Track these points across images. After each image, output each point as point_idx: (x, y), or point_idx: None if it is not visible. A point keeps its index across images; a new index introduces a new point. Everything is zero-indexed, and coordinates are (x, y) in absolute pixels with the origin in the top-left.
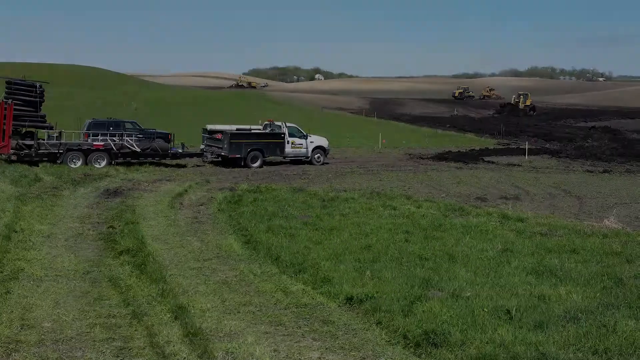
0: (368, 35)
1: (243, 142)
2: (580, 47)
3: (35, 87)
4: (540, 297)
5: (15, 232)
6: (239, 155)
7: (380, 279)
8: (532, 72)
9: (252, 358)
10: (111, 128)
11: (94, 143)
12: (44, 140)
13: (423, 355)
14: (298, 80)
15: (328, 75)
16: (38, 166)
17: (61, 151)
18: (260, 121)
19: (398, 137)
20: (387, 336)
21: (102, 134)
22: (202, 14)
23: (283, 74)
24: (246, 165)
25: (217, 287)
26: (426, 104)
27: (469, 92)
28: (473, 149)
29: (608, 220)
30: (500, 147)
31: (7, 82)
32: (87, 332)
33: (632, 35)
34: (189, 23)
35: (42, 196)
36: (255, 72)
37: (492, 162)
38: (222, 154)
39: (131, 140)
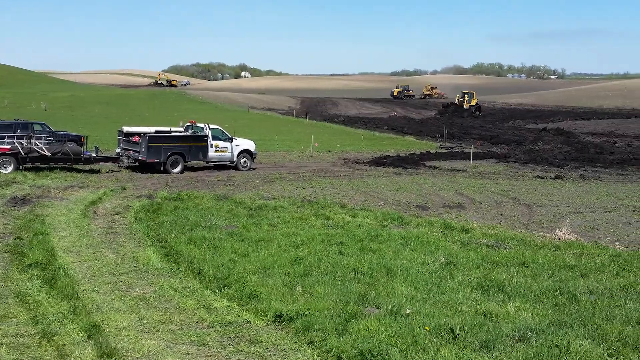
0: (299, 30)
1: (162, 145)
2: (531, 42)
3: None
4: (487, 315)
5: None
6: (158, 160)
7: (312, 295)
8: (478, 69)
9: None
10: (18, 130)
11: (0, 147)
12: None
13: None
14: (223, 78)
15: (255, 73)
16: None
17: None
18: (181, 122)
19: (332, 140)
20: (319, 357)
21: (9, 137)
22: (118, 7)
23: (206, 71)
24: (166, 171)
25: (134, 303)
26: (362, 104)
27: (408, 91)
28: (413, 153)
29: (561, 231)
30: (443, 150)
31: None
32: None
33: (586, 30)
34: (104, 16)
35: None
36: (176, 69)
37: (434, 167)
38: (140, 158)
39: (40, 143)
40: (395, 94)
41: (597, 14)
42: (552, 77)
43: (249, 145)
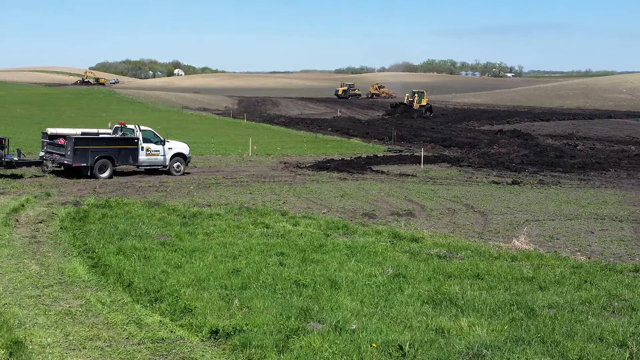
0: (236, 24)
1: (90, 148)
2: (485, 37)
3: None
4: (438, 331)
5: None
6: (85, 164)
7: (251, 309)
8: (429, 67)
9: None
10: None
11: None
12: None
13: None
14: (154, 76)
15: (189, 70)
16: None
17: None
18: (109, 124)
19: (271, 143)
20: None
21: None
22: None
23: (137, 68)
24: (93, 176)
25: (60, 318)
26: (304, 104)
27: (354, 90)
28: (359, 157)
29: (518, 240)
30: (392, 154)
31: None
32: None
33: (545, 24)
34: (26, 8)
35: None
36: (105, 67)
37: (382, 172)
38: (65, 162)
39: None
40: (340, 93)
41: (557, 7)
42: (509, 75)
43: (183, 148)
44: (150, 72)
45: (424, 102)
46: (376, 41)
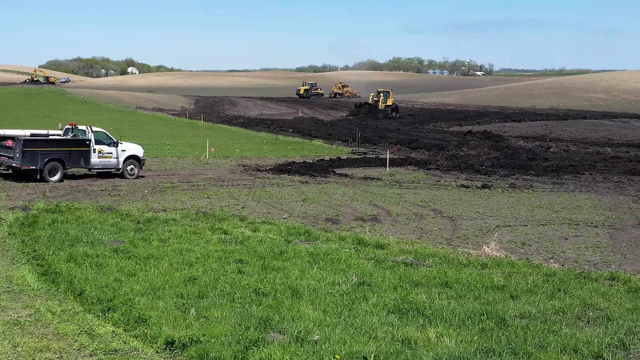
0: (193, 21)
1: (39, 150)
2: (454, 34)
3: None
4: (405, 342)
5: None
6: (34, 167)
7: (208, 319)
8: (395, 65)
9: None
10: None
11: None
12: None
13: None
14: (107, 75)
15: (144, 69)
16: None
17: None
18: (60, 125)
19: (230, 145)
20: None
21: None
22: None
23: (89, 67)
24: (43, 179)
25: (8, 328)
26: (264, 104)
27: (316, 89)
28: (322, 159)
29: (488, 247)
30: (356, 156)
31: None
32: None
33: (517, 20)
34: None
35: None
36: (55, 65)
37: (346, 175)
38: (13, 165)
39: None
40: (301, 92)
41: (529, 2)
42: (478, 73)
43: (137, 150)
44: (103, 70)
45: (389, 102)
46: (340, 38)
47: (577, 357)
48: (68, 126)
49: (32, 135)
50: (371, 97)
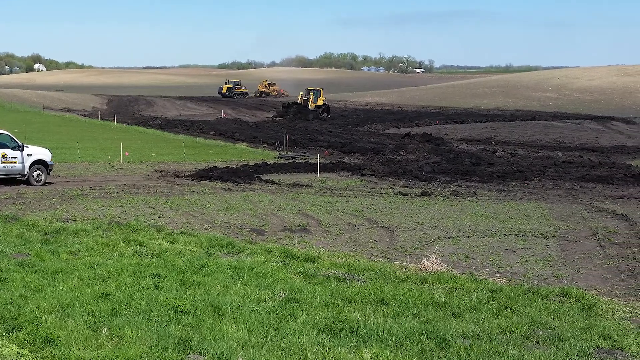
0: (105, 13)
1: None
2: (390, 27)
3: None
4: None
5: None
6: None
7: (122, 339)
8: (326, 61)
9: None
10: None
11: None
12: None
13: None
14: (11, 72)
15: (52, 66)
16: None
17: None
18: None
19: (146, 148)
20: None
21: None
22: None
23: None
24: None
25: None
26: (184, 104)
27: (241, 88)
28: (247, 164)
29: (428, 260)
30: (283, 161)
31: None
32: None
33: (459, 12)
34: None
35: None
36: None
37: (272, 182)
38: None
39: None
40: (224, 91)
41: None
42: (418, 70)
43: (44, 154)
44: (7, 67)
45: (320, 102)
46: (265, 32)
47: None
48: None
49: None
50: (300, 96)
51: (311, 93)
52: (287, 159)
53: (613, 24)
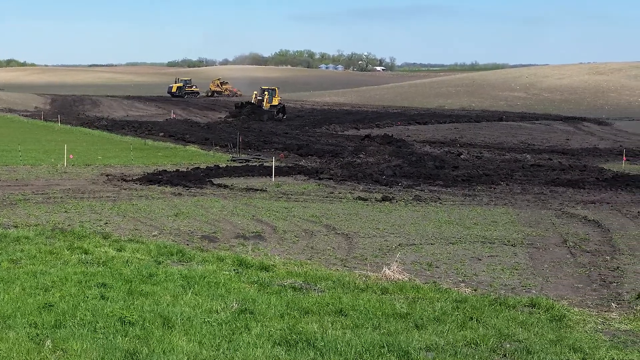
0: (48, 9)
1: None
2: (349, 23)
3: None
4: None
5: None
6: None
7: (67, 352)
8: (282, 59)
9: None
10: None
11: None
12: None
13: None
14: None
15: None
16: None
17: None
18: None
19: (91, 151)
20: None
21: None
22: None
23: None
24: None
25: None
26: (131, 104)
27: (191, 87)
28: (198, 168)
29: (389, 269)
30: (237, 164)
31: None
32: None
33: (422, 7)
34: None
35: None
36: None
37: (225, 186)
38: None
39: None
40: (174, 90)
41: None
42: (378, 68)
43: None
44: None
45: (275, 102)
46: (217, 28)
47: None
48: None
49: None
50: (254, 95)
51: (266, 92)
52: (240, 162)
53: (584, 20)
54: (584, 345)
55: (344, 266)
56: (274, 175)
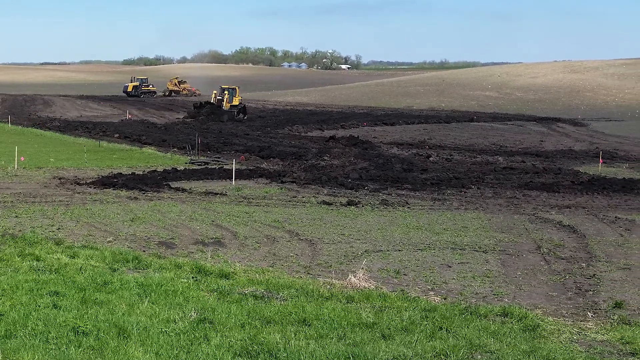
0: None
1: None
2: (313, 20)
3: None
4: None
5: None
6: None
7: None
8: (242, 57)
9: None
10: None
11: None
12: None
13: None
14: None
15: None
16: None
17: None
18: None
19: (43, 153)
20: None
21: None
22: None
23: None
24: None
25: None
26: (85, 104)
27: (148, 86)
28: (154, 171)
29: (355, 276)
30: (195, 167)
31: None
32: None
33: (389, 3)
34: None
35: None
36: None
37: (183, 190)
38: None
39: None
40: (130, 90)
41: None
42: (343, 67)
43: None
44: None
45: (235, 102)
46: (174, 25)
47: None
48: None
49: None
50: (214, 95)
51: (226, 92)
52: (199, 165)
53: (558, 16)
54: (558, 356)
55: (308, 273)
56: (235, 179)
